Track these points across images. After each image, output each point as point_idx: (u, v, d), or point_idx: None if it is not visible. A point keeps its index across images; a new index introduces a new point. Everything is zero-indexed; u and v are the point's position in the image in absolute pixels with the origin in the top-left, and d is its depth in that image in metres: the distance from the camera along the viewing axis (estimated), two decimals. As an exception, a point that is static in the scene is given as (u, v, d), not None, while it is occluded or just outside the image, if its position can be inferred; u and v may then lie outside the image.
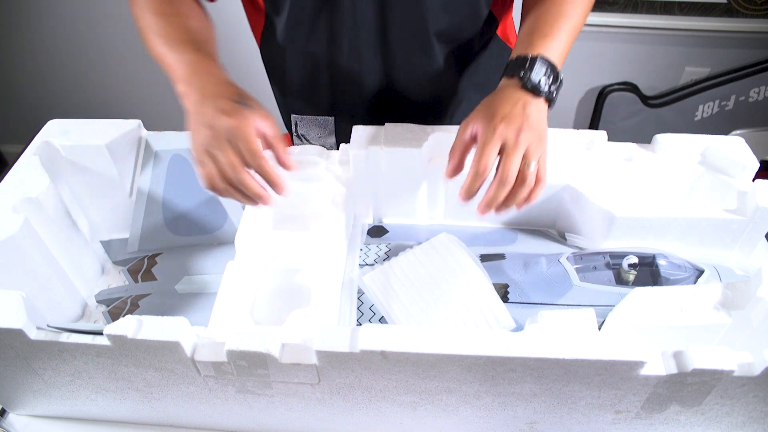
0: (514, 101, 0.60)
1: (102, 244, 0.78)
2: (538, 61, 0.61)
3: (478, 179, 0.58)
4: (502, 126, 0.57)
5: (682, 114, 1.72)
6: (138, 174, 0.74)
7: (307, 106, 0.87)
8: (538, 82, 0.60)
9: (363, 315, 0.64)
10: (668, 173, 0.69)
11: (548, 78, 0.61)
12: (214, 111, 0.57)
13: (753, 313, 0.54)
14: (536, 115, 0.59)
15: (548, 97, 0.61)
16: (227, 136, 0.55)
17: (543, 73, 0.61)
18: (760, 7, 1.50)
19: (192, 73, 0.62)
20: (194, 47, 0.64)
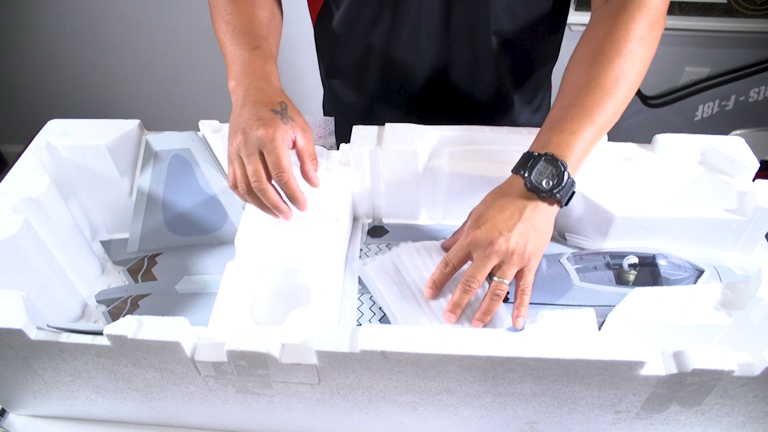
0: (502, 208, 0.57)
1: (102, 244, 0.78)
2: (543, 160, 0.57)
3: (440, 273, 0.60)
4: (476, 234, 0.57)
5: (682, 114, 1.72)
6: (138, 174, 0.74)
7: (353, 90, 0.87)
8: (540, 182, 0.56)
9: (363, 315, 0.64)
10: (668, 173, 0.69)
11: (552, 179, 0.56)
12: (251, 117, 0.58)
13: (753, 313, 0.54)
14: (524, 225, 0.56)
15: (550, 198, 0.57)
16: (258, 145, 0.57)
17: (547, 173, 0.56)
18: (760, 7, 1.50)
19: (243, 73, 0.62)
20: (254, 42, 0.65)
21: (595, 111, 0.58)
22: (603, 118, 0.58)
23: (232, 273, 0.60)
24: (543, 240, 0.58)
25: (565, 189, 0.57)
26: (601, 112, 0.58)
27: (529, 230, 0.56)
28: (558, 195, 0.57)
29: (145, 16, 1.69)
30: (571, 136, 0.57)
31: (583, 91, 0.59)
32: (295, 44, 1.70)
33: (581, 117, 0.58)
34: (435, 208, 0.76)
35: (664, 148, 0.70)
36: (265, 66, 0.63)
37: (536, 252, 0.57)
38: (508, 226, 0.56)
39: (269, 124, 0.57)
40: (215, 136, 0.71)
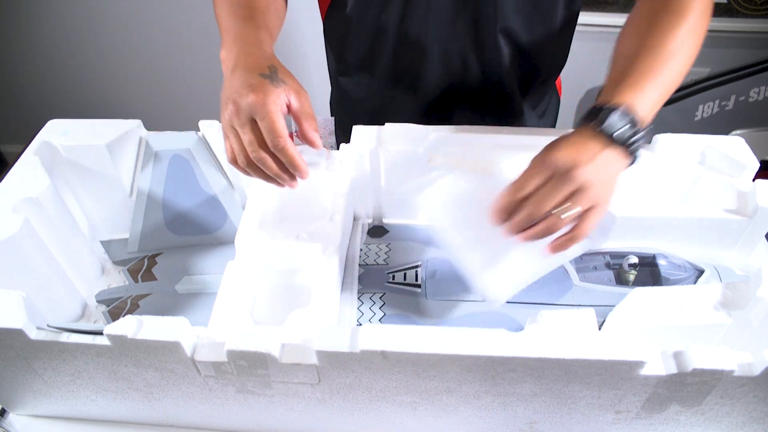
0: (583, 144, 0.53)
1: (102, 244, 0.78)
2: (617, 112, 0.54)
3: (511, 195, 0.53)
4: (558, 155, 0.52)
5: (682, 114, 1.72)
6: (138, 174, 0.74)
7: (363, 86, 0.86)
8: (614, 130, 0.53)
9: (363, 315, 0.64)
10: (668, 173, 0.69)
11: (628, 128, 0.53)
12: (241, 85, 0.55)
13: (753, 313, 0.54)
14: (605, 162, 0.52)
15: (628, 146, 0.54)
16: (250, 113, 0.54)
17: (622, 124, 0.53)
18: (760, 7, 1.50)
19: (234, 41, 0.60)
20: (248, 14, 0.62)
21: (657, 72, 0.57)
22: (666, 79, 0.57)
23: (232, 273, 0.60)
24: (613, 186, 0.54)
25: (641, 140, 0.54)
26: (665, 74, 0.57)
27: (604, 171, 0.52)
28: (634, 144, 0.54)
29: (145, 16, 1.69)
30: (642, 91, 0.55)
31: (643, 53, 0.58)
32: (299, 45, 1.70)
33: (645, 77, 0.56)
34: (435, 208, 0.76)
35: (664, 148, 0.70)
36: (257, 33, 0.61)
37: (606, 195, 0.53)
38: (591, 157, 0.51)
39: (259, 89, 0.54)
40: (216, 136, 0.71)
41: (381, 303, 0.66)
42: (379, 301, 0.66)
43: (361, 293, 0.66)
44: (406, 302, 0.65)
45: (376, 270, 0.70)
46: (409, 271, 0.69)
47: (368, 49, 0.82)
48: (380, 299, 0.66)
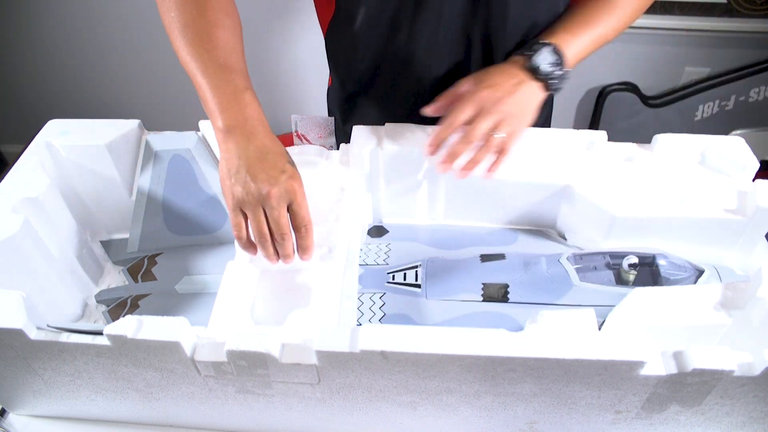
0: (509, 75, 0.64)
1: (102, 244, 0.78)
2: (547, 48, 0.65)
3: (445, 130, 0.62)
4: (486, 92, 0.62)
5: (682, 114, 1.72)
6: (138, 174, 0.74)
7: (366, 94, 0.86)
8: (540, 65, 0.64)
9: (363, 315, 0.64)
10: (668, 173, 0.69)
11: (552, 66, 0.64)
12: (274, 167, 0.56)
13: (753, 313, 0.54)
14: (526, 94, 0.63)
15: (548, 82, 0.65)
16: (261, 203, 0.56)
17: (548, 60, 0.64)
18: (760, 7, 1.50)
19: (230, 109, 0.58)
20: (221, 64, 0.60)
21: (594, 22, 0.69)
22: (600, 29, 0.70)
23: (232, 273, 0.60)
24: (533, 116, 0.65)
25: (559, 79, 0.66)
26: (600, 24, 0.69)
27: (528, 101, 0.64)
28: (551, 80, 0.65)
29: (145, 16, 1.69)
30: (573, 37, 0.67)
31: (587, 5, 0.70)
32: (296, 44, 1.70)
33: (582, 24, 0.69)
34: (435, 208, 0.76)
35: (664, 148, 0.70)
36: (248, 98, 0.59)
37: (525, 122, 0.64)
38: (512, 91, 0.63)
39: (294, 176, 0.58)
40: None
41: (381, 303, 0.66)
42: (379, 301, 0.66)
43: (361, 293, 0.66)
44: (406, 302, 0.65)
45: (376, 270, 0.70)
46: (409, 271, 0.69)
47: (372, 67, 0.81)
48: (380, 299, 0.66)
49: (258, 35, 1.72)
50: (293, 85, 1.79)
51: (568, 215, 0.72)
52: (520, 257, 0.68)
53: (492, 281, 0.65)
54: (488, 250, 0.71)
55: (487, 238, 0.74)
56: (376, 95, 0.85)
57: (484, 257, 0.69)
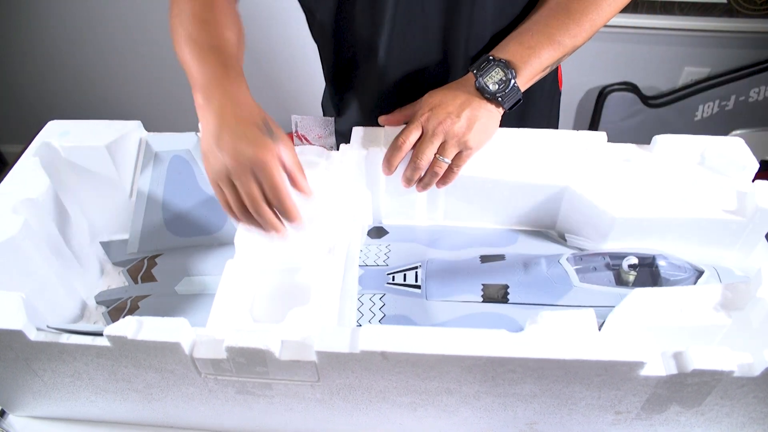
0: (455, 96, 0.65)
1: (102, 245, 0.78)
2: (497, 65, 0.64)
3: (393, 152, 0.66)
4: (428, 115, 0.64)
5: (682, 114, 1.72)
6: (138, 175, 0.74)
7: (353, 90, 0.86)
8: (487, 84, 0.64)
9: (363, 315, 0.64)
10: (668, 174, 0.69)
11: (499, 84, 0.64)
12: (237, 138, 0.54)
13: (753, 314, 0.54)
14: (472, 113, 0.63)
15: (494, 101, 0.64)
16: (250, 168, 0.54)
17: (496, 79, 0.64)
18: (760, 7, 1.50)
19: (210, 86, 0.58)
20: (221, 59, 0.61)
21: (556, 32, 0.65)
22: (562, 41, 0.65)
23: (231, 272, 0.60)
24: (487, 134, 0.66)
25: (509, 95, 0.64)
26: (562, 35, 0.65)
27: (475, 121, 0.64)
28: (500, 99, 0.64)
29: (145, 16, 1.69)
30: (529, 50, 0.65)
31: (551, 12, 0.66)
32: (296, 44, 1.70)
33: (542, 35, 0.65)
34: (435, 209, 0.76)
35: (663, 149, 0.70)
36: (237, 79, 0.60)
37: (477, 142, 0.65)
38: (457, 112, 0.63)
39: (260, 144, 0.54)
40: (215, 137, 0.71)
41: (381, 304, 0.66)
42: (379, 302, 0.66)
43: (361, 294, 0.66)
44: (406, 303, 0.65)
45: (376, 271, 0.70)
46: (408, 272, 0.69)
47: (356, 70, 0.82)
48: (380, 300, 0.66)
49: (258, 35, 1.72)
50: (293, 85, 1.79)
51: (568, 216, 0.72)
52: (520, 258, 0.68)
53: (492, 282, 0.65)
54: (488, 250, 0.71)
55: (487, 239, 0.74)
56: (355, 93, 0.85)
57: (483, 258, 0.69)
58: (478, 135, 0.64)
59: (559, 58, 0.66)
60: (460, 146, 0.64)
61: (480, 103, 0.64)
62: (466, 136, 0.63)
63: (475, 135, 0.64)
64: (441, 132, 0.63)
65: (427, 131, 0.64)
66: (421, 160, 0.65)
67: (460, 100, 0.64)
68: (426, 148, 0.64)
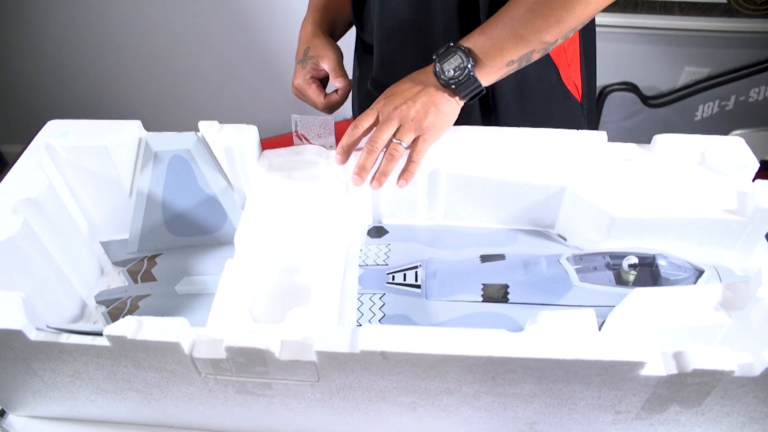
0: (412, 84, 0.65)
1: (102, 244, 0.78)
2: (457, 51, 0.63)
3: (348, 136, 0.66)
4: (385, 100, 0.64)
5: (682, 114, 1.72)
6: (138, 175, 0.73)
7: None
8: (444, 69, 0.63)
9: (363, 316, 0.64)
10: (668, 174, 0.69)
11: (457, 71, 0.63)
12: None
13: (753, 314, 0.54)
14: (427, 99, 0.63)
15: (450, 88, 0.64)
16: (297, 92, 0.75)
17: (454, 65, 0.63)
18: (760, 7, 1.50)
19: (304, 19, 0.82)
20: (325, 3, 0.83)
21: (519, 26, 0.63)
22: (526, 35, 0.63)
23: (231, 271, 0.60)
24: (443, 120, 0.65)
25: (465, 85, 0.64)
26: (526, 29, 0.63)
27: (431, 106, 0.63)
28: (454, 87, 0.64)
29: (145, 16, 1.69)
30: (491, 41, 0.63)
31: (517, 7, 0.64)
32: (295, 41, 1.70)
33: (506, 27, 0.63)
34: (435, 208, 0.76)
35: (663, 149, 0.70)
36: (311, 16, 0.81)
37: (434, 127, 0.64)
38: (413, 97, 0.64)
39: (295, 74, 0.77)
40: (215, 137, 0.71)
41: (381, 303, 0.66)
42: (379, 301, 0.66)
43: (361, 294, 0.66)
44: (405, 303, 0.65)
45: (376, 270, 0.70)
46: (408, 272, 0.68)
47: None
48: (380, 300, 0.66)
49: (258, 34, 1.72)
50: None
51: (568, 216, 0.72)
52: (520, 258, 0.68)
53: (492, 282, 0.65)
54: (488, 250, 0.71)
55: (487, 239, 0.74)
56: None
57: (484, 258, 0.69)
58: (434, 120, 0.64)
59: (525, 53, 0.64)
60: (416, 131, 0.64)
61: (437, 91, 0.64)
62: (422, 121, 0.63)
63: (431, 120, 0.63)
64: (396, 116, 0.63)
65: (384, 116, 0.64)
66: (375, 142, 0.64)
67: (418, 87, 0.65)
68: (381, 132, 0.64)
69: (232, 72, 1.83)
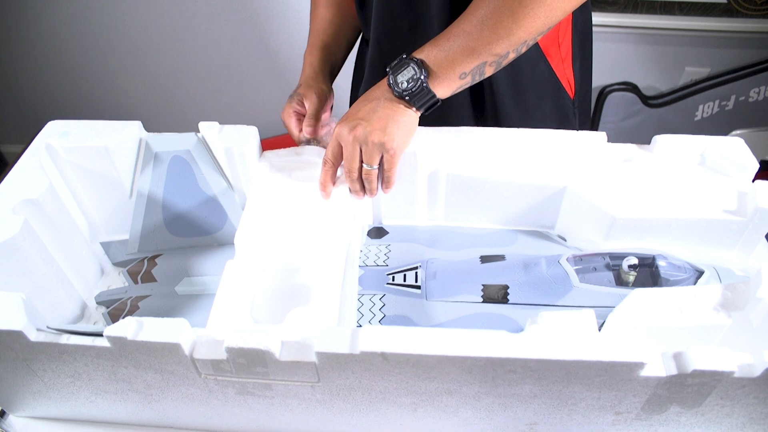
0: (364, 103, 0.65)
1: (102, 245, 0.78)
2: (409, 63, 0.62)
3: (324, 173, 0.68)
4: (341, 126, 0.64)
5: (682, 114, 1.72)
6: (138, 175, 0.74)
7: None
8: (398, 82, 0.63)
9: (363, 316, 0.64)
10: (668, 174, 0.69)
11: (411, 82, 0.62)
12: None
13: (753, 314, 0.54)
14: (383, 113, 0.63)
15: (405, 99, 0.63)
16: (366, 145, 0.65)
17: (408, 76, 0.62)
18: (760, 7, 1.50)
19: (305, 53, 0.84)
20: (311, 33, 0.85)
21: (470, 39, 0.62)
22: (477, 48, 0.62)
23: (231, 272, 0.60)
24: (403, 131, 0.64)
25: (418, 96, 0.63)
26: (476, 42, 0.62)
27: (388, 121, 0.63)
28: (408, 98, 0.63)
29: (145, 16, 1.69)
30: (443, 53, 0.63)
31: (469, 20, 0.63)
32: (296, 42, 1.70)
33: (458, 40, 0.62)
34: (435, 209, 0.76)
35: (663, 149, 0.70)
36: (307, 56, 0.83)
37: (394, 141, 0.63)
38: (367, 116, 0.63)
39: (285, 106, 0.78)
40: (215, 138, 0.71)
41: (381, 304, 0.66)
42: (379, 302, 0.66)
43: (361, 294, 0.66)
44: (406, 303, 0.65)
45: (376, 271, 0.70)
46: (408, 273, 0.69)
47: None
48: (380, 300, 0.66)
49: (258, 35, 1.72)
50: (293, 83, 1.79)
51: (567, 216, 0.72)
52: (520, 258, 0.68)
53: (492, 282, 0.65)
54: (488, 251, 0.71)
55: (487, 239, 0.74)
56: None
57: (483, 258, 0.69)
58: (393, 134, 0.63)
59: (477, 65, 0.63)
60: (380, 149, 0.64)
61: (391, 104, 0.63)
62: (382, 138, 0.62)
63: (391, 135, 0.63)
64: (355, 141, 0.63)
65: (344, 142, 0.64)
66: (351, 172, 0.66)
67: (372, 104, 0.64)
68: (349, 161, 0.65)
69: (232, 72, 1.83)
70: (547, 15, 0.61)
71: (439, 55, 0.63)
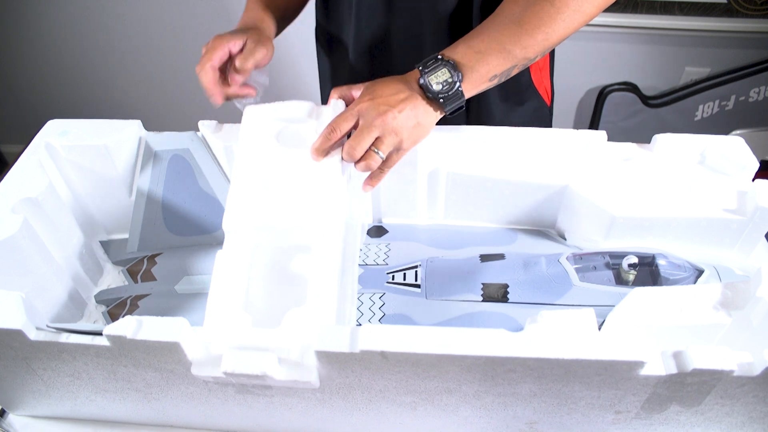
0: (398, 90, 0.61)
1: (101, 244, 0.78)
2: (444, 65, 0.60)
3: (324, 139, 0.61)
4: (368, 104, 0.60)
5: (682, 114, 1.72)
6: (138, 174, 0.74)
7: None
8: (430, 83, 0.60)
9: (362, 315, 0.64)
10: (668, 173, 0.69)
11: (445, 85, 0.60)
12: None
13: (753, 313, 0.54)
14: (411, 112, 0.60)
15: (438, 102, 0.61)
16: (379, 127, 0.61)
17: (441, 80, 0.60)
18: (760, 7, 1.50)
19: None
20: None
21: (507, 41, 0.61)
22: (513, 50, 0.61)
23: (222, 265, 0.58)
24: (421, 134, 0.62)
25: (451, 99, 0.61)
26: (513, 45, 0.61)
27: (413, 119, 0.60)
28: (441, 100, 0.61)
29: (145, 16, 1.69)
30: (477, 54, 0.61)
31: (504, 21, 0.62)
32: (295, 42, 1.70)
33: (492, 41, 0.61)
34: (435, 208, 0.76)
35: (663, 148, 0.70)
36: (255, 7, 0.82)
37: (412, 142, 0.62)
38: (399, 107, 0.60)
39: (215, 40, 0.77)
40: (215, 137, 0.71)
41: (381, 303, 0.66)
42: (379, 301, 0.66)
43: (361, 293, 0.66)
44: (405, 302, 0.65)
45: (376, 270, 0.70)
46: (408, 271, 0.69)
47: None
48: (380, 299, 0.66)
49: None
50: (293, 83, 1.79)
51: (567, 215, 0.72)
52: (520, 257, 0.68)
53: (492, 281, 0.65)
54: (488, 250, 0.71)
55: (487, 238, 0.74)
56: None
57: (483, 257, 0.69)
58: (413, 134, 0.61)
59: (508, 68, 0.63)
60: (395, 144, 0.61)
61: (422, 103, 0.61)
62: (402, 135, 0.60)
63: (411, 133, 0.61)
64: (379, 125, 0.59)
65: (365, 122, 0.60)
66: (355, 150, 0.60)
67: (403, 95, 0.61)
68: (362, 139, 0.60)
69: (231, 72, 1.83)
70: (579, 21, 0.61)
71: (474, 57, 0.61)
